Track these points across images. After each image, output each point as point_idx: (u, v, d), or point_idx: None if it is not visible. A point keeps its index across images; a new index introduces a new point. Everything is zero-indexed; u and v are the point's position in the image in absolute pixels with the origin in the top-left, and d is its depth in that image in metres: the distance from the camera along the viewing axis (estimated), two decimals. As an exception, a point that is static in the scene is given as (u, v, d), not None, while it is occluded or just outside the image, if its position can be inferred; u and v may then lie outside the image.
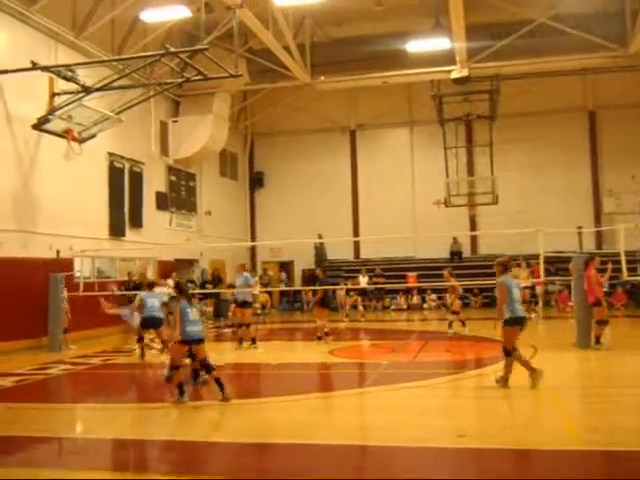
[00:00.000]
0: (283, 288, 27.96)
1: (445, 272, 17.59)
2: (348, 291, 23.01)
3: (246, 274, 15.47)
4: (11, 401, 9.68)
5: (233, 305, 16.02)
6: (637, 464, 6.15)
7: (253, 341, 14.81)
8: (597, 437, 6.80)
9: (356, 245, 29.18)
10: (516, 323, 9.35)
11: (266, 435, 7.48)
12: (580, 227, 22.83)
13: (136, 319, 14.33)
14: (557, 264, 21.64)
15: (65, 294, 15.60)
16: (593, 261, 13.24)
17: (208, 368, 9.04)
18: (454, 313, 16.85)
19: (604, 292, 13.74)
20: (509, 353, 9.29)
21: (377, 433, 7.48)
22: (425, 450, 6.58)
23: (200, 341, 9.00)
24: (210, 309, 23.28)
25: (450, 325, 16.55)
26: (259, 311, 21.37)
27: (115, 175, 20.23)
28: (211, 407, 8.84)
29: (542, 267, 13.90)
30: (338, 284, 23.00)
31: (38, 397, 10.36)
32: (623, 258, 13.11)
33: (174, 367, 9.01)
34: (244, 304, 14.99)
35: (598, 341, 12.89)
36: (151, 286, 14.42)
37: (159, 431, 7.87)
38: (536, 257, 14.37)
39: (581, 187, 27.23)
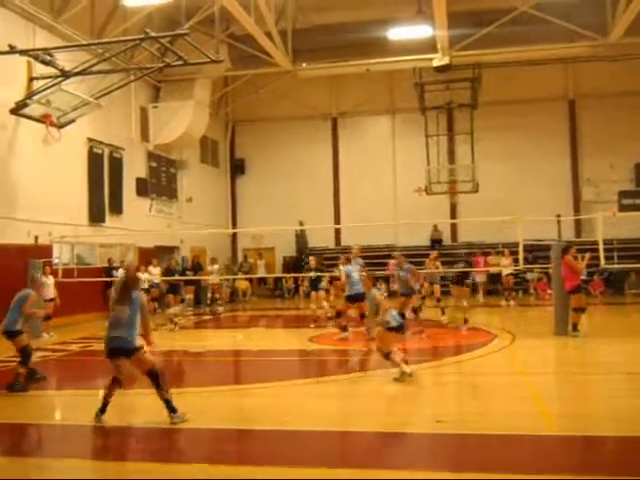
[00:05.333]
0: (266, 275, 27.87)
1: (433, 253, 17.74)
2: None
3: None
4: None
5: None
6: (612, 450, 6.27)
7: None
8: (573, 423, 6.90)
9: (337, 232, 29.19)
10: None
11: (243, 421, 7.51)
12: (559, 215, 23.04)
13: None
14: (536, 252, 21.84)
15: (52, 280, 15.52)
16: (570, 249, 13.37)
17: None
18: (438, 300, 17.13)
19: (582, 280, 13.90)
20: None
21: (354, 419, 7.53)
22: (403, 435, 6.65)
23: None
24: (191, 296, 23.20)
25: (443, 313, 16.72)
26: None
27: (95, 161, 20.04)
28: (195, 393, 8.85)
29: (521, 255, 14.00)
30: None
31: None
32: (601, 246, 13.23)
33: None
34: None
35: (575, 328, 13.03)
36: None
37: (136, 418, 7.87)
38: (515, 245, 14.48)
39: (561, 176, 27.42)
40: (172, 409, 7.11)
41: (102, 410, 7.27)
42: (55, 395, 9.53)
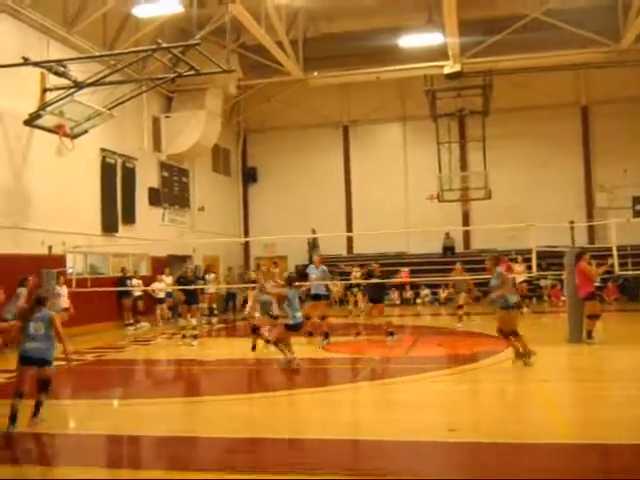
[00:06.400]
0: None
1: (457, 266, 17.82)
2: (350, 287, 23.00)
3: None
4: (3, 398, 9.65)
5: None
6: (628, 458, 6.20)
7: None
8: (588, 431, 6.84)
9: (349, 240, 29.20)
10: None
11: (257, 430, 7.49)
12: (572, 222, 22.88)
13: None
14: (549, 259, 21.72)
15: (65, 290, 15.61)
16: (584, 255, 13.29)
17: None
18: (459, 307, 17.33)
19: (596, 287, 13.81)
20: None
21: (368, 427, 7.50)
22: (415, 444, 6.61)
23: None
24: (205, 305, 23.24)
25: (460, 320, 17.15)
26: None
27: (107, 171, 20.16)
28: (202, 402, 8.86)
29: (534, 262, 13.93)
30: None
31: (28, 393, 10.31)
32: (615, 252, 13.16)
33: None
34: None
35: (590, 335, 12.94)
36: None
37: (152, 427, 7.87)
38: (529, 252, 14.42)
39: (574, 182, 27.30)
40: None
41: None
42: (69, 405, 9.55)
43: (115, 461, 6.72)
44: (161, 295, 18.76)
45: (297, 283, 12.59)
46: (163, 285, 19.01)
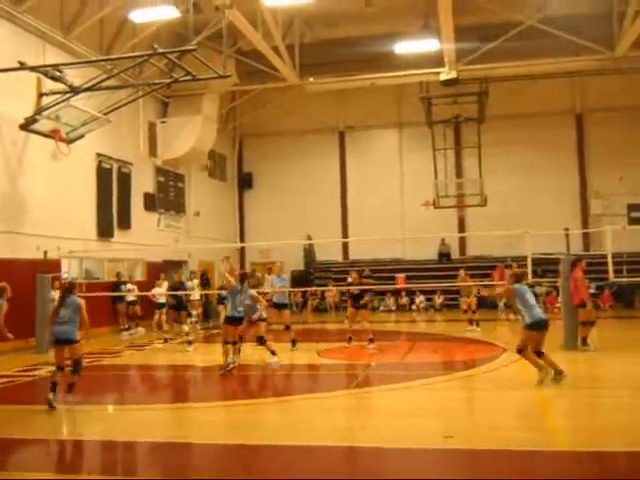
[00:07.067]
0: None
1: (462, 272, 17.90)
2: (343, 294, 22.98)
3: None
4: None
5: None
6: (624, 465, 6.20)
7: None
8: (584, 437, 6.84)
9: (345, 246, 29.21)
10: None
11: (251, 436, 7.47)
12: (567, 229, 22.89)
13: None
14: (544, 265, 21.73)
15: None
16: (580, 263, 13.31)
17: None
18: (465, 312, 17.57)
19: (590, 294, 13.82)
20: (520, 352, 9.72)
21: (363, 434, 7.48)
22: (411, 451, 6.59)
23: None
24: (199, 311, 23.17)
25: (471, 324, 17.38)
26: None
27: (103, 176, 20.14)
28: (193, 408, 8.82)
29: (530, 269, 13.95)
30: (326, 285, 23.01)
31: (24, 399, 10.29)
32: (610, 259, 13.19)
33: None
34: None
35: (585, 342, 12.95)
36: None
37: (146, 433, 7.84)
38: (524, 259, 14.44)
39: (569, 189, 27.37)
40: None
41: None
42: (63, 410, 9.50)
43: (106, 467, 6.69)
44: (162, 300, 18.64)
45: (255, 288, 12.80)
46: (163, 290, 18.90)
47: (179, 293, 16.62)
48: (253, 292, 12.04)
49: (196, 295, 19.97)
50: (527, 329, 9.69)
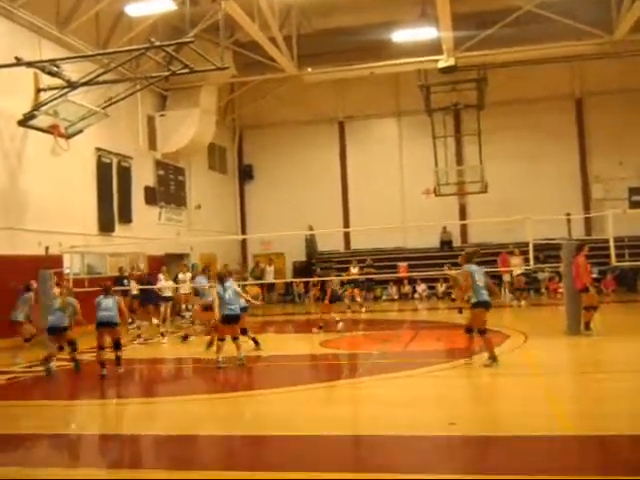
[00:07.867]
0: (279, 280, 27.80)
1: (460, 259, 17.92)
2: (343, 283, 22.93)
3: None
4: (3, 399, 9.66)
5: None
6: (628, 449, 6.21)
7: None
8: (588, 423, 6.85)
9: (346, 236, 29.20)
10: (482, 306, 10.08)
11: (258, 427, 7.49)
12: (569, 214, 22.91)
13: None
14: (546, 251, 21.75)
15: None
16: (583, 248, 13.30)
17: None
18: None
19: (593, 278, 13.82)
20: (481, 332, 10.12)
21: (367, 423, 7.51)
22: (416, 438, 6.61)
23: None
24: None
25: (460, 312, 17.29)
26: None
27: (103, 170, 20.12)
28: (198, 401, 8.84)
29: (532, 254, 13.95)
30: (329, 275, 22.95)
31: (30, 394, 10.33)
32: (612, 244, 13.17)
33: None
34: None
35: (588, 327, 12.96)
36: None
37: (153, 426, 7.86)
38: (526, 244, 14.43)
39: (570, 174, 27.30)
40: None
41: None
42: (67, 405, 9.55)
43: (118, 461, 6.72)
44: (168, 293, 18.54)
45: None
46: (170, 283, 18.80)
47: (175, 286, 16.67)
48: (236, 287, 12.03)
49: (187, 289, 19.87)
50: (474, 308, 10.18)
